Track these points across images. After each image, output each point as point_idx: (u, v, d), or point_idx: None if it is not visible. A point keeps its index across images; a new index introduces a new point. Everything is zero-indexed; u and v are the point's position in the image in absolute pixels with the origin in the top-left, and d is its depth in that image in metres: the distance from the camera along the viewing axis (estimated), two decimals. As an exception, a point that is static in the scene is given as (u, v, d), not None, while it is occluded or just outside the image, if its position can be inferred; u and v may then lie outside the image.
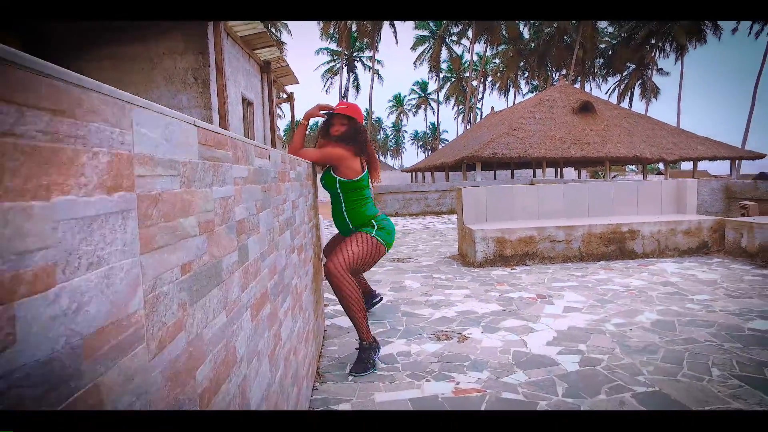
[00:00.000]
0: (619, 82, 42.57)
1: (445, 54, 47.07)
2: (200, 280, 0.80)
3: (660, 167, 34.67)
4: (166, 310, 0.65)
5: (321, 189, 3.13)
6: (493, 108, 29.92)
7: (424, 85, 63.04)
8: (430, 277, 4.94)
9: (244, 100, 8.73)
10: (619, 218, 5.97)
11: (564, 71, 38.19)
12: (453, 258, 6.06)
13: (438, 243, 7.64)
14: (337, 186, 2.83)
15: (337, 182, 2.82)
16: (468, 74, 45.60)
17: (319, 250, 3.24)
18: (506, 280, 4.62)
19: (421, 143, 76.39)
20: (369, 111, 47.56)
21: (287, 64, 10.44)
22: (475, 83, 46.34)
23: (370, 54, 43.05)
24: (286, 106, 36.84)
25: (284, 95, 12.78)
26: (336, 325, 3.41)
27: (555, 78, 41.44)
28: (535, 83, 48.17)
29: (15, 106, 0.39)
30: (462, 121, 53.47)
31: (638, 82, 41.49)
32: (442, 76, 51.42)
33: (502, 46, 43.77)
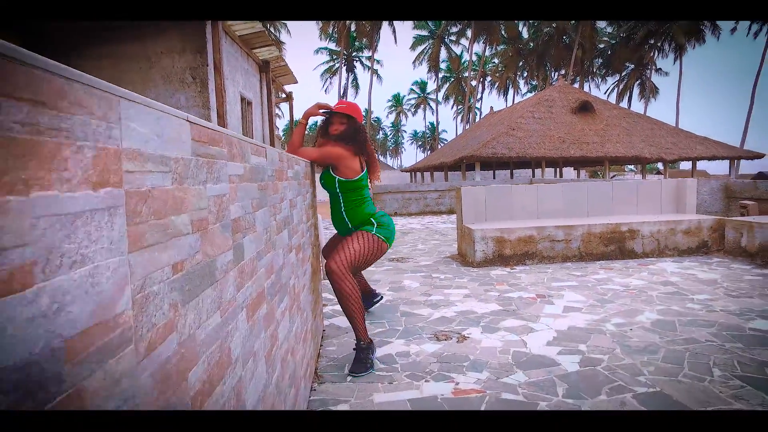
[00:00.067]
0: (618, 82, 42.58)
1: (444, 54, 47.09)
2: (193, 280, 0.78)
3: (659, 167, 34.72)
4: (156, 310, 0.63)
5: (320, 189, 3.11)
6: (492, 108, 29.91)
7: (423, 85, 63.05)
8: (430, 276, 4.92)
9: (242, 99, 8.70)
10: (619, 218, 5.96)
11: (563, 71, 38.21)
12: (452, 258, 6.04)
13: (437, 243, 7.62)
14: (337, 186, 2.81)
15: (336, 182, 2.80)
16: (467, 74, 45.59)
17: (317, 249, 3.22)
18: (506, 280, 4.61)
19: (420, 143, 76.39)
20: (368, 111, 47.50)
21: (286, 63, 10.41)
22: (474, 83, 46.33)
23: (369, 54, 43.05)
24: (285, 105, 36.78)
25: (283, 95, 12.75)
26: (335, 325, 3.39)
27: (554, 78, 41.43)
28: (534, 83, 48.16)
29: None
30: (461, 120, 53.49)
31: (637, 82, 41.51)
32: (441, 75, 51.44)
33: (501, 46, 43.75)
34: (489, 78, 51.92)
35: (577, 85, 37.28)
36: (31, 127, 0.41)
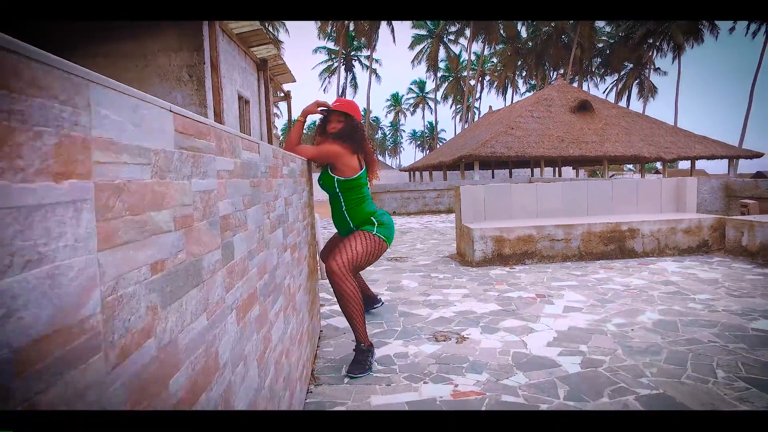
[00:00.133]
0: (616, 82, 42.57)
1: (442, 53, 47.03)
2: (175, 280, 0.73)
3: (657, 166, 34.72)
4: (131, 313, 0.58)
5: (320, 189, 3.06)
6: (491, 107, 29.88)
7: (421, 85, 62.97)
8: (428, 276, 4.87)
9: (240, 98, 8.63)
10: (619, 217, 5.92)
11: (562, 70, 38.22)
12: (451, 257, 5.99)
13: (436, 242, 7.57)
14: (336, 185, 2.77)
15: (335, 181, 2.76)
16: (466, 73, 45.54)
17: (314, 248, 3.16)
18: (505, 280, 4.56)
19: (419, 142, 76.33)
20: (367, 110, 47.43)
21: (284, 62, 10.35)
22: (472, 82, 46.26)
23: (368, 53, 42.97)
24: (284, 104, 36.67)
25: (281, 94, 12.67)
26: (332, 326, 3.34)
27: (553, 77, 41.39)
28: (532, 82, 48.13)
29: None
30: (460, 120, 53.44)
31: (636, 82, 41.51)
32: (439, 75, 51.39)
33: (500, 46, 43.72)
34: (488, 77, 51.89)
35: (575, 85, 37.25)
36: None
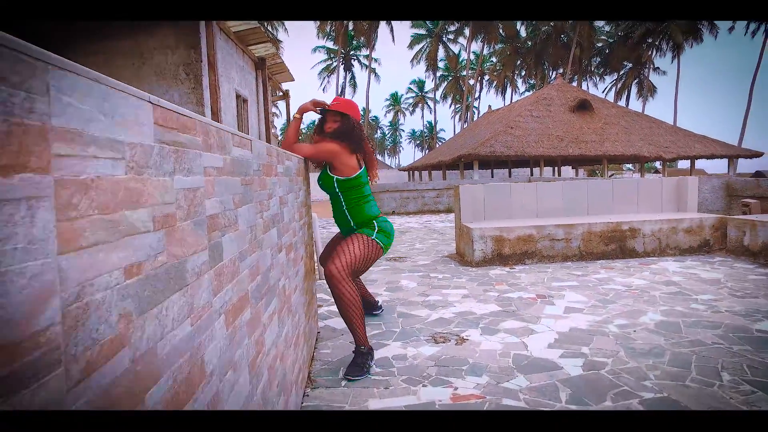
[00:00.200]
0: (616, 81, 42.53)
1: (442, 52, 46.97)
2: (154, 284, 0.68)
3: (657, 166, 34.69)
4: (99, 323, 0.53)
5: (319, 189, 3.01)
6: (490, 106, 29.83)
7: (421, 84, 62.88)
8: (427, 276, 4.82)
9: (238, 96, 8.57)
10: (619, 216, 5.87)
11: (561, 70, 38.18)
12: (450, 257, 5.94)
13: (435, 242, 7.52)
14: (335, 185, 2.73)
15: (334, 181, 2.72)
16: (465, 73, 45.47)
17: (311, 249, 3.11)
18: (505, 280, 4.51)
19: (418, 142, 76.24)
20: (366, 110, 47.36)
21: (282, 60, 10.28)
22: (472, 82, 46.19)
23: (367, 52, 42.88)
24: (282, 104, 36.56)
25: (280, 93, 12.61)
26: (330, 327, 3.29)
27: (552, 76, 41.33)
28: (532, 82, 48.08)
29: None
30: (459, 119, 53.39)
31: (635, 81, 41.47)
32: (439, 74, 51.28)
33: (499, 45, 43.63)
34: (487, 77, 51.81)
35: (575, 84, 37.19)
36: None
